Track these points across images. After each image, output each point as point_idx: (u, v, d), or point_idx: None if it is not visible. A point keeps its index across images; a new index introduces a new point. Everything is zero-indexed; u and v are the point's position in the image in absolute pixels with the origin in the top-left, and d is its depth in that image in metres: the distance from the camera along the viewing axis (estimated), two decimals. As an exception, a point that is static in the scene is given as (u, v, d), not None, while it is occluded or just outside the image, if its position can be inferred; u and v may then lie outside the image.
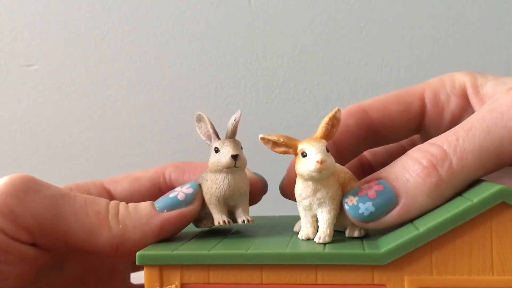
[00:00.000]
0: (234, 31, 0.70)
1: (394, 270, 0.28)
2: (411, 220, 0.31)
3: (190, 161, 0.41)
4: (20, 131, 0.72)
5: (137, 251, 0.31)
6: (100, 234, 0.32)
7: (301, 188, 0.32)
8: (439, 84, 0.40)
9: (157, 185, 0.40)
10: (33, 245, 0.33)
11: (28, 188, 0.32)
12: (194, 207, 0.34)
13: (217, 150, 0.34)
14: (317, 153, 0.30)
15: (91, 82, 0.71)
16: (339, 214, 0.32)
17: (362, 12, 0.70)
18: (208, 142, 0.35)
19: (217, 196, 0.34)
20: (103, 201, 0.34)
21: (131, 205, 0.34)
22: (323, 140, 0.31)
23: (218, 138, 0.35)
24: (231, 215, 0.35)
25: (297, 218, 0.34)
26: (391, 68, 0.70)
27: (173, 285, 0.30)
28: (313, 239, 0.32)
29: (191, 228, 0.36)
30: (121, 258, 0.31)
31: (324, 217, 0.31)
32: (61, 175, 0.71)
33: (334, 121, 0.32)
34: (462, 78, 0.39)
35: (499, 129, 0.30)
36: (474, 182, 0.30)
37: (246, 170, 0.35)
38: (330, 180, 0.32)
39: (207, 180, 0.34)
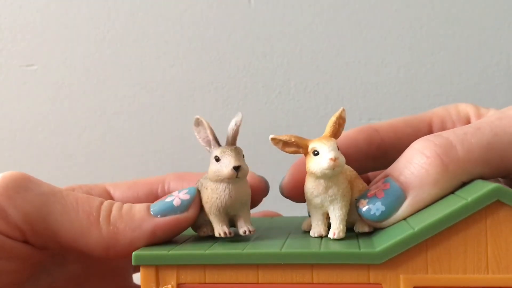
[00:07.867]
0: (234, 31, 0.70)
1: (390, 269, 0.28)
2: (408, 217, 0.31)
3: (191, 172, 0.40)
4: (20, 131, 0.72)
5: (128, 253, 0.31)
6: (90, 235, 0.32)
7: (312, 186, 0.32)
8: (445, 112, 0.42)
9: (155, 192, 0.39)
10: (26, 242, 0.33)
11: (18, 186, 0.32)
12: (189, 214, 0.33)
13: (217, 159, 0.32)
14: (330, 150, 0.31)
15: (91, 82, 0.71)
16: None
17: (362, 12, 0.70)
18: (208, 148, 0.33)
19: (217, 206, 0.32)
20: (96, 200, 0.33)
21: (126, 206, 0.33)
22: (334, 139, 0.32)
23: (218, 144, 0.33)
24: (231, 223, 0.34)
25: (294, 219, 0.34)
26: (391, 68, 0.70)
27: (169, 285, 0.30)
28: (325, 236, 0.32)
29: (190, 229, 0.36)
30: (112, 259, 0.31)
31: (337, 213, 0.32)
32: (61, 175, 0.71)
33: (340, 121, 0.33)
34: (466, 108, 0.41)
35: (507, 134, 0.31)
36: (469, 181, 0.30)
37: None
38: (340, 178, 0.32)
39: (207, 189, 0.33)
